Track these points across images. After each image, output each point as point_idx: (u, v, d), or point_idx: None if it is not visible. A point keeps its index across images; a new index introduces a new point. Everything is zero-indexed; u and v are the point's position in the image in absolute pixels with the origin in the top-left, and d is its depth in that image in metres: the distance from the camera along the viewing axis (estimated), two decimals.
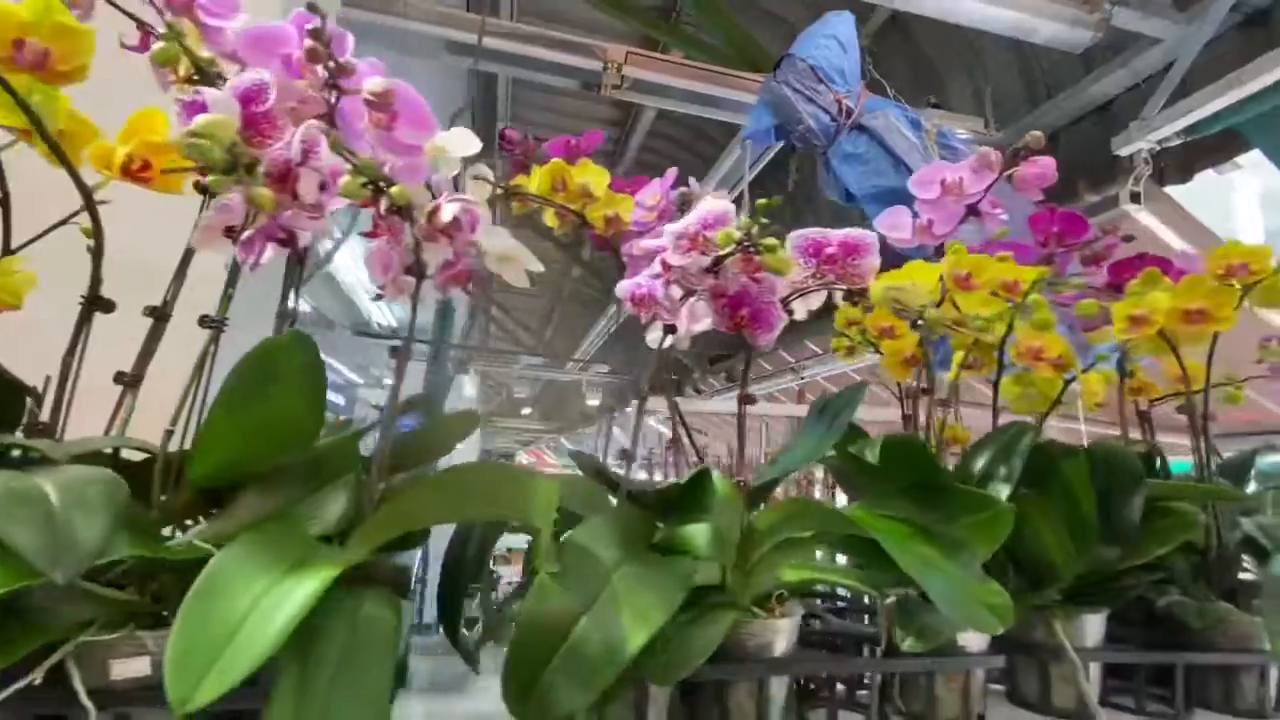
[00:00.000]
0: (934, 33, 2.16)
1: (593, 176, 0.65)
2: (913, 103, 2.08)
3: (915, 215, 0.80)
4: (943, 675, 0.55)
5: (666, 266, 0.55)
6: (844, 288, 0.54)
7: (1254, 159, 1.38)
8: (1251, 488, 0.87)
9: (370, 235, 0.50)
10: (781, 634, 0.50)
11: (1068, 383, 0.67)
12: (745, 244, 0.46)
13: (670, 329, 0.58)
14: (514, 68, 1.55)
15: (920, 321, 0.57)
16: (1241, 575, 0.71)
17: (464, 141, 0.65)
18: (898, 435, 0.58)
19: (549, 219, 0.69)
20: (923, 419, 0.72)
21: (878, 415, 1.09)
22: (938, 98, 2.14)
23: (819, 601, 0.73)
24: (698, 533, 0.48)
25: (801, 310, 0.59)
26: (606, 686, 0.37)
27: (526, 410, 8.85)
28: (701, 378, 4.35)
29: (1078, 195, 1.62)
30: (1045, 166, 0.72)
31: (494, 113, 3.40)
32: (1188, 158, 1.44)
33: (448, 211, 0.43)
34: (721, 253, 0.50)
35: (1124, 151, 1.39)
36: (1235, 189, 2.01)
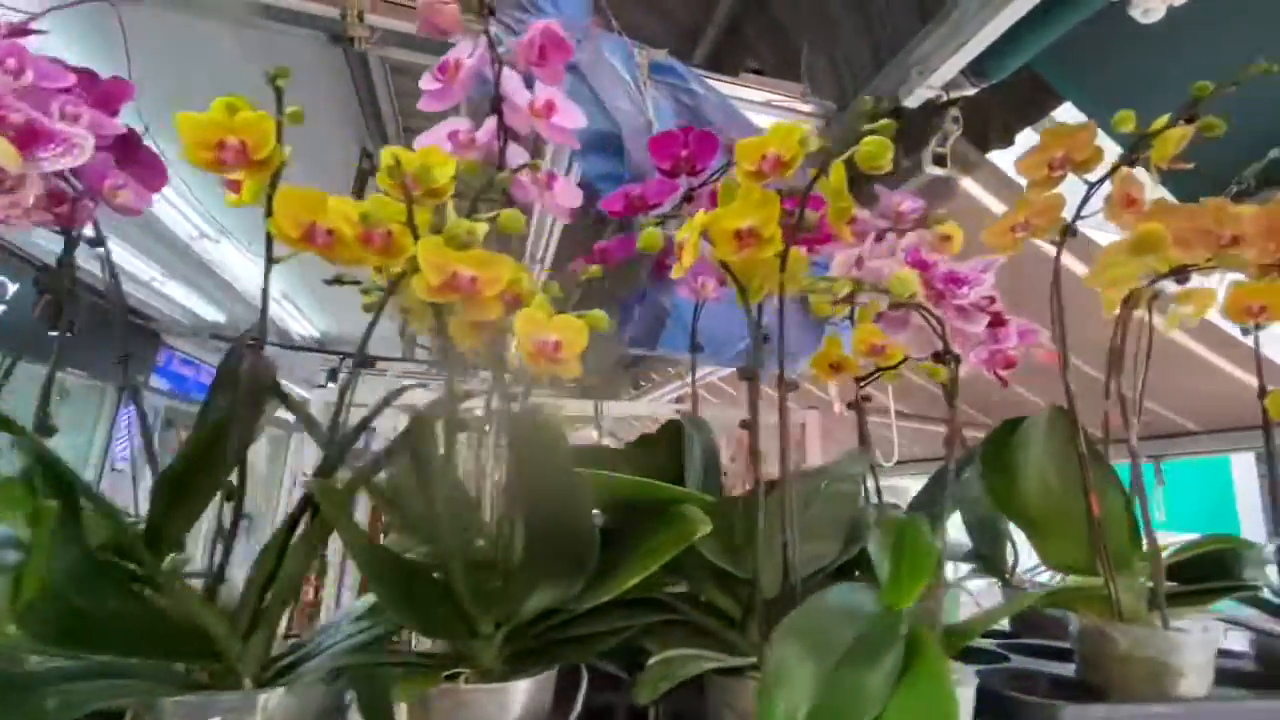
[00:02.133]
0: (789, 5, 1.98)
1: None
2: (773, 70, 1.90)
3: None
4: None
5: None
6: None
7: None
8: None
9: None
10: None
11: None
12: None
13: None
14: (242, 18, 1.36)
15: None
16: None
17: None
18: None
19: None
20: None
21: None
22: (797, 70, 1.97)
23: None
24: None
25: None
26: None
27: None
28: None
29: (895, 163, 1.44)
30: (536, 30, 0.53)
31: (376, 108, 3.22)
32: (1005, 117, 1.25)
33: None
34: None
35: (911, 102, 1.20)
36: None
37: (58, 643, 0.32)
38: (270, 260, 0.42)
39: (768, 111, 1.51)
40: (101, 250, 0.56)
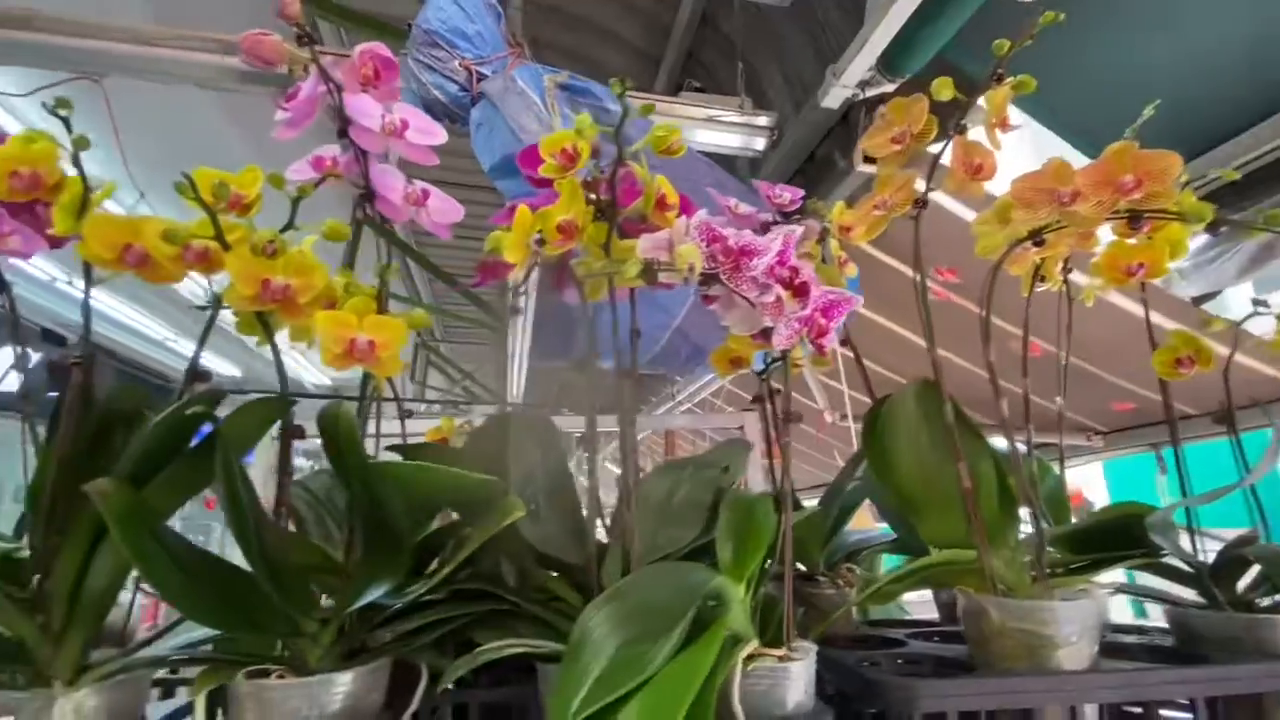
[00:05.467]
0: (739, 24, 2.03)
1: None
2: (732, 90, 1.94)
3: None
4: None
5: None
6: None
7: None
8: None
9: None
10: None
11: None
12: None
13: None
14: (207, 83, 1.44)
15: None
16: None
17: None
18: None
19: None
20: None
21: None
22: (753, 86, 2.01)
23: None
24: None
25: None
26: None
27: None
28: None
29: (832, 165, 1.45)
30: (361, 53, 0.55)
31: None
32: (941, 114, 1.25)
33: None
34: None
35: (829, 103, 1.21)
36: None
37: None
38: (89, 283, 0.45)
39: (710, 126, 1.54)
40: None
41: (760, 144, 1.79)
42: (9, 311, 0.61)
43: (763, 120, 1.63)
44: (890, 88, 1.18)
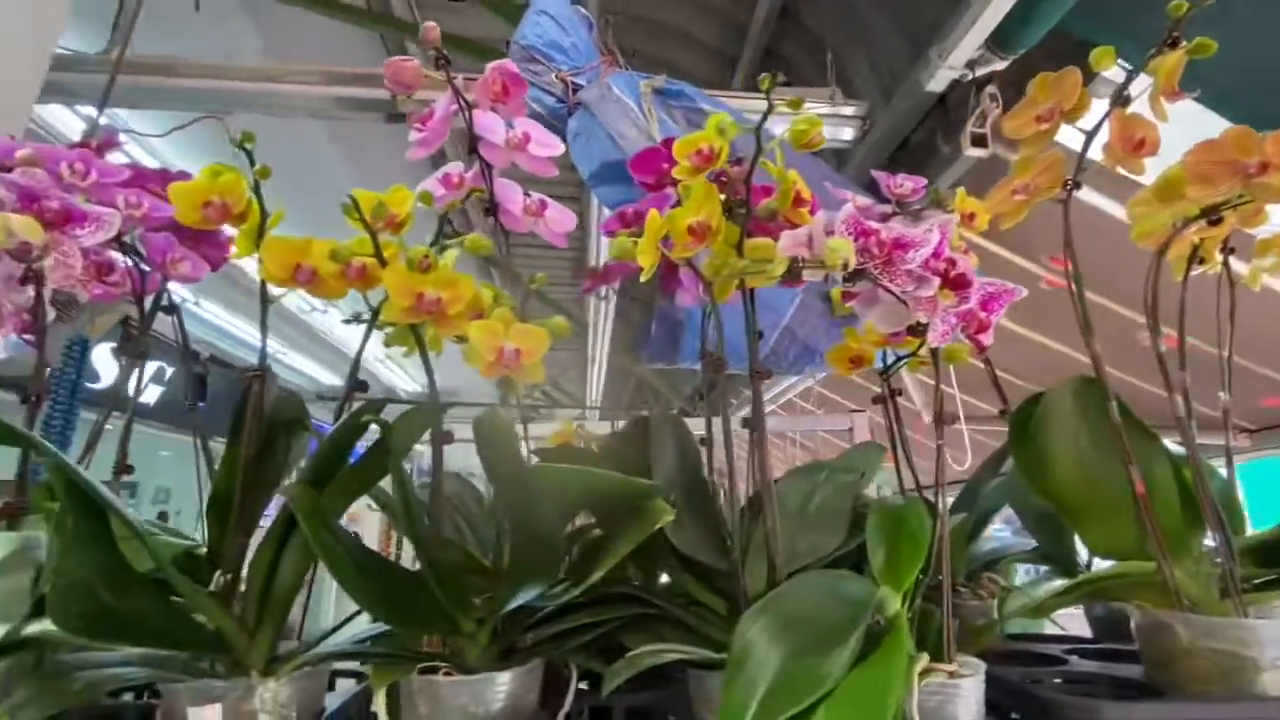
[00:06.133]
0: (823, 15, 1.98)
1: None
2: (815, 83, 1.89)
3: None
4: None
5: None
6: None
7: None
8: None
9: None
10: None
11: None
12: None
13: None
14: (319, 112, 1.54)
15: None
16: None
17: None
18: None
19: None
20: None
21: None
22: (838, 76, 1.95)
23: None
24: None
25: None
26: None
27: None
28: (690, 403, 4.13)
29: (936, 150, 1.37)
30: (493, 70, 0.57)
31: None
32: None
33: None
34: None
35: (934, 86, 1.15)
36: None
37: (87, 634, 0.37)
38: (266, 302, 0.48)
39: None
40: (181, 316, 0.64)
41: (848, 134, 1.74)
42: (179, 333, 0.67)
43: (852, 110, 1.58)
44: (1001, 65, 1.11)
